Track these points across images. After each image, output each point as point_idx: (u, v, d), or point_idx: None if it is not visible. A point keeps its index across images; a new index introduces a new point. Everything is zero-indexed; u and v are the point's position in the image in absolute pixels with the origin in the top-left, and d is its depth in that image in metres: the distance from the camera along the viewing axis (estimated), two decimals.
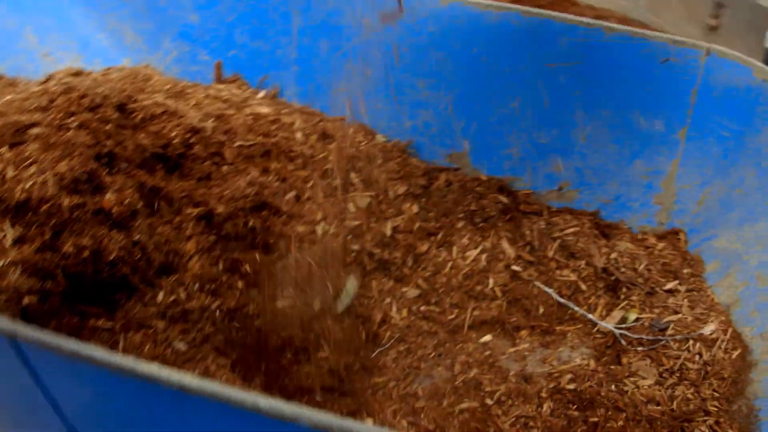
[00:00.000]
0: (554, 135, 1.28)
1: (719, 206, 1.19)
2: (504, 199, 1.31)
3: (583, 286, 1.19)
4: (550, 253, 1.23)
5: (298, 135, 1.24)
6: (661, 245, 1.23)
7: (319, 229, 1.13)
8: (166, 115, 1.07)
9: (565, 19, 1.21)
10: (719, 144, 1.19)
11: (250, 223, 1.06)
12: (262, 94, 1.36)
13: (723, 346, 1.02)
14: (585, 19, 1.20)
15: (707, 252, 1.18)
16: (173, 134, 1.05)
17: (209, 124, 1.11)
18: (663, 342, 1.06)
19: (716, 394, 0.98)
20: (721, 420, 0.95)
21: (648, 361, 1.05)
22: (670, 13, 2.47)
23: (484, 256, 1.23)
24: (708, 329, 1.05)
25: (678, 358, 1.03)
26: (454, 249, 1.24)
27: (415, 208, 1.26)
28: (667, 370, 1.03)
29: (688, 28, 2.64)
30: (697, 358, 1.02)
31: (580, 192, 1.30)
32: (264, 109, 1.25)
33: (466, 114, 1.30)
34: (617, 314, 1.14)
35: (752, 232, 1.12)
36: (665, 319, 1.09)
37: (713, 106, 1.17)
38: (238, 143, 1.13)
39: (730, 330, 1.04)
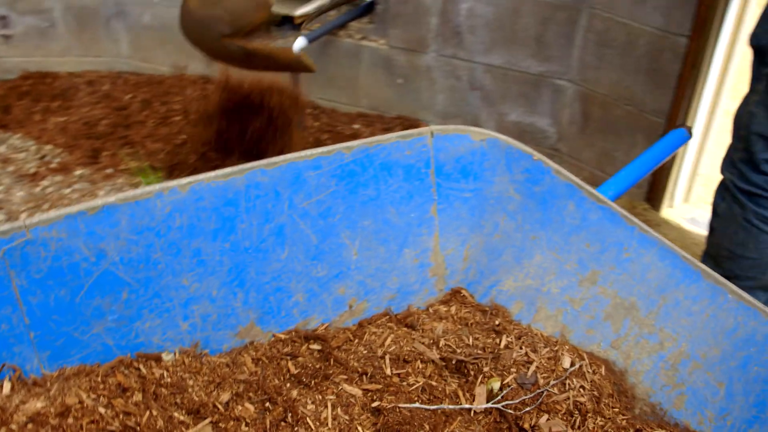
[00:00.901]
0: (330, 263, 1.24)
1: (486, 255, 1.33)
2: (316, 346, 1.23)
3: (434, 383, 1.22)
4: (388, 371, 1.22)
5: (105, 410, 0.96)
6: (452, 308, 1.32)
7: None
8: None
9: (306, 156, 1.16)
10: (465, 205, 1.31)
11: None
12: (6, 387, 0.99)
13: (590, 370, 1.18)
14: (323, 148, 1.18)
15: (502, 297, 1.32)
16: None
17: None
18: (544, 392, 1.17)
19: (617, 410, 1.14)
20: (639, 427, 1.11)
21: (546, 416, 1.15)
22: None
23: (339, 410, 1.16)
24: (567, 362, 1.19)
25: (567, 399, 1.16)
26: (309, 420, 1.13)
27: (248, 407, 1.10)
28: (566, 413, 1.15)
29: None
30: (581, 390, 1.16)
31: (368, 301, 1.30)
32: (37, 404, 0.93)
33: (241, 286, 1.17)
34: (481, 390, 1.20)
35: (534, 265, 1.28)
36: (528, 373, 1.20)
37: (450, 177, 1.28)
38: None
39: (584, 354, 1.20)
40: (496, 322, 1.28)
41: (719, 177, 1.70)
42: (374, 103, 2.95)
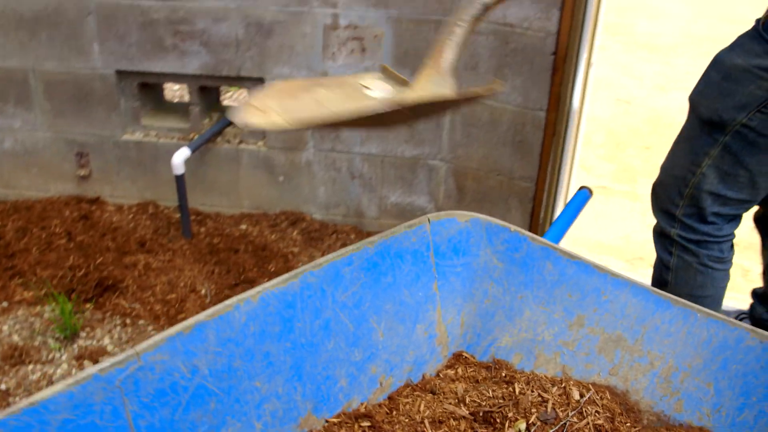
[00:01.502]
0: (364, 346, 1.38)
1: (480, 319, 1.53)
2: (366, 423, 1.34)
3: None
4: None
5: None
6: (458, 370, 1.50)
7: None
8: None
9: (342, 254, 1.31)
10: (458, 278, 1.51)
11: None
12: None
13: (597, 397, 1.41)
14: (353, 246, 1.32)
15: (502, 352, 1.52)
16: None
17: None
18: (567, 423, 1.37)
19: (629, 424, 1.37)
20: None
21: None
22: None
23: None
24: (576, 394, 1.41)
25: (587, 424, 1.37)
26: None
27: None
28: None
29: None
30: (596, 414, 1.38)
31: (393, 376, 1.44)
32: None
33: (300, 380, 1.27)
34: None
35: (525, 320, 1.50)
36: (547, 410, 1.40)
37: (445, 256, 1.48)
38: None
39: (588, 384, 1.43)
40: (503, 374, 1.48)
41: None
42: (257, 202, 3.07)
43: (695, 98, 1.86)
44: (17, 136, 3.03)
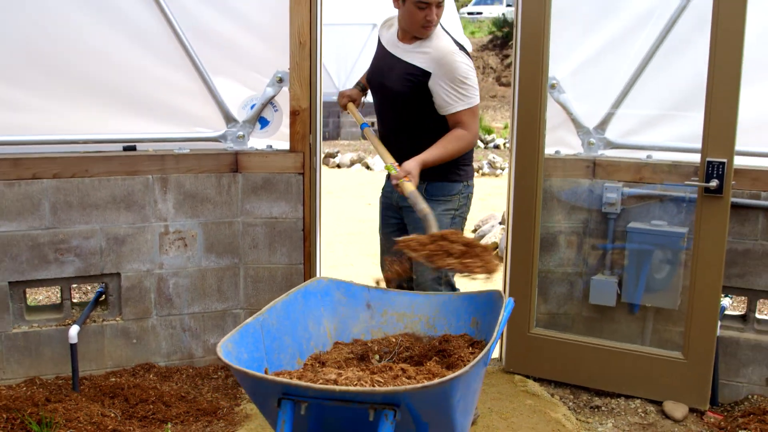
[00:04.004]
0: (299, 337, 3.04)
1: (341, 323, 3.28)
2: None
3: None
4: None
5: None
6: (343, 347, 3.20)
7: None
8: None
9: (285, 296, 3.00)
10: (327, 306, 3.27)
11: None
12: None
13: (402, 338, 3.22)
14: (286, 294, 3.03)
15: (356, 335, 3.28)
16: None
17: None
18: (396, 349, 3.15)
19: (416, 341, 3.20)
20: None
21: None
22: None
23: None
24: (393, 339, 3.21)
25: (401, 347, 3.17)
26: None
27: None
28: None
29: None
30: (404, 342, 3.19)
31: (314, 348, 3.11)
32: None
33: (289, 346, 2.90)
34: None
35: (362, 319, 3.30)
36: (387, 347, 3.16)
37: (323, 295, 3.25)
38: None
39: (398, 334, 3.25)
40: (359, 345, 3.23)
41: None
42: (118, 362, 4.36)
43: None
44: None
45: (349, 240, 7.80)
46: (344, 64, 15.90)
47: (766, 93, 4.13)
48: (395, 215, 3.94)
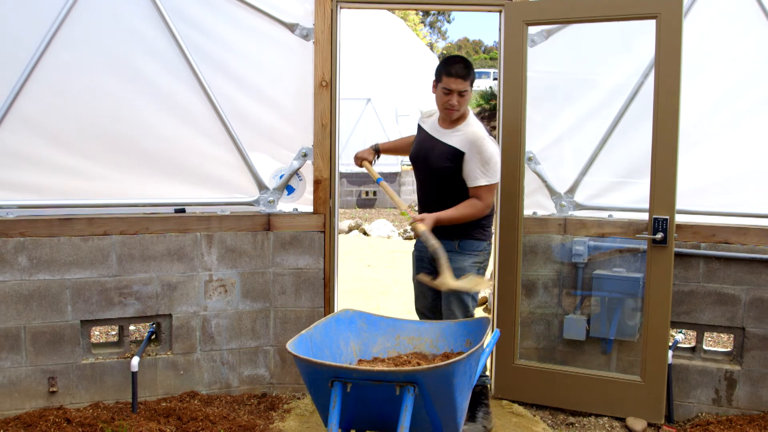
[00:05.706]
0: (336, 348, 3.89)
1: (363, 345, 4.13)
2: None
3: None
4: None
5: None
6: (366, 362, 4.03)
7: None
8: None
9: (323, 320, 3.87)
10: (353, 332, 4.12)
11: None
12: None
13: (412, 357, 4.06)
14: (324, 318, 3.89)
15: (377, 354, 4.13)
16: None
17: None
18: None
19: (423, 359, 4.04)
20: None
21: None
22: None
23: None
24: (404, 357, 4.04)
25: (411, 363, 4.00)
26: None
27: None
28: None
29: None
30: (413, 359, 4.03)
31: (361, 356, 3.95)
32: None
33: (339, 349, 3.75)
34: None
35: (380, 341, 4.15)
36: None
37: (349, 322, 4.10)
38: None
39: (409, 353, 4.10)
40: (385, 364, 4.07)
41: None
42: (167, 390, 5.16)
43: None
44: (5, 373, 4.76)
45: (353, 297, 8.65)
46: (342, 136, 16.94)
47: (702, 165, 5.09)
48: (428, 266, 4.71)
